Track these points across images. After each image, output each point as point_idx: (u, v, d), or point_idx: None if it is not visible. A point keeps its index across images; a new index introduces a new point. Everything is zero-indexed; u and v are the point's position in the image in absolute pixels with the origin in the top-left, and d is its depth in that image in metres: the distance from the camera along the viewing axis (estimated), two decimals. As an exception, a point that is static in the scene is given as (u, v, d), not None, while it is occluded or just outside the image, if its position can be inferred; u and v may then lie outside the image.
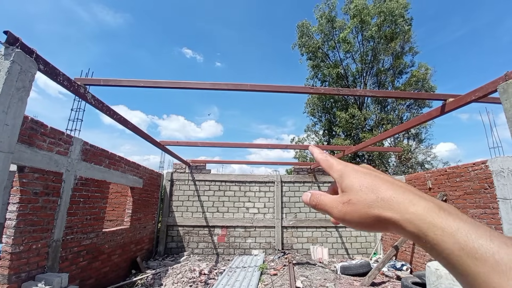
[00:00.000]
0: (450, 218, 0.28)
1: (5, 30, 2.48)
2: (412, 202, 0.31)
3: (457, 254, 0.26)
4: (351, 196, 0.36)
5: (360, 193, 0.35)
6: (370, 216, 0.34)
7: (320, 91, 4.39)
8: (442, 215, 0.29)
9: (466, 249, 0.26)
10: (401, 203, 0.32)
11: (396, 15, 18.42)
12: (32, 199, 3.91)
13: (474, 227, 0.27)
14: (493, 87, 3.06)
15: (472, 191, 5.47)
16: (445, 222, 0.28)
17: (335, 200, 0.38)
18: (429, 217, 0.29)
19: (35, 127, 3.93)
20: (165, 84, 3.75)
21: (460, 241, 0.27)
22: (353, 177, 0.37)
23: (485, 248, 0.25)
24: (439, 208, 0.30)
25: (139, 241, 7.54)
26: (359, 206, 0.35)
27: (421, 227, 0.29)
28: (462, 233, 0.27)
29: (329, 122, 21.20)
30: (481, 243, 0.26)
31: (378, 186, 0.35)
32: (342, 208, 0.36)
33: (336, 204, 0.37)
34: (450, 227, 0.28)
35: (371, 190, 0.35)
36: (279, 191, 9.60)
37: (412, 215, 0.30)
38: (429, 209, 0.30)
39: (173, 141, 7.18)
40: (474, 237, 0.26)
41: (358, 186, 0.36)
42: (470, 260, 0.26)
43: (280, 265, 7.27)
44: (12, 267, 3.60)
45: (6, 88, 2.43)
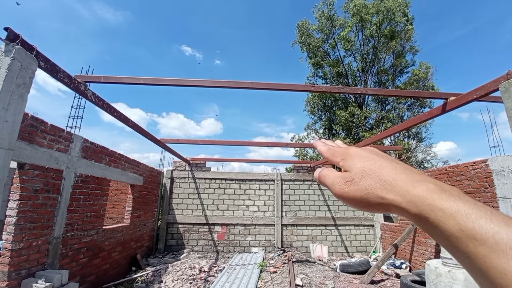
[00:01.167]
0: (451, 199, 0.28)
1: (6, 26, 2.46)
2: (414, 184, 0.31)
3: (457, 235, 0.26)
4: (355, 176, 0.36)
5: (364, 174, 0.35)
6: (372, 197, 0.34)
7: (321, 89, 4.38)
8: (443, 196, 0.29)
9: (466, 230, 0.26)
10: (403, 185, 0.32)
11: (395, 14, 18.37)
12: (32, 196, 3.91)
13: (474, 207, 0.27)
14: (495, 86, 3.06)
15: (472, 190, 5.48)
16: (445, 203, 0.28)
17: (338, 176, 0.38)
18: (430, 198, 0.29)
19: (35, 124, 3.92)
20: (166, 82, 3.74)
21: (460, 222, 0.26)
22: (356, 158, 0.38)
23: (485, 228, 0.25)
24: (440, 190, 0.30)
25: (139, 238, 7.55)
26: (362, 186, 0.35)
27: (423, 209, 0.29)
28: (462, 214, 0.27)
29: (330, 120, 21.19)
30: (481, 224, 0.25)
31: (382, 167, 0.35)
32: (344, 186, 0.36)
33: (338, 181, 0.38)
34: (450, 208, 0.27)
35: (374, 172, 0.35)
36: (279, 189, 9.61)
37: (414, 197, 0.30)
38: (431, 190, 0.30)
39: (173, 139, 7.18)
40: (473, 218, 0.26)
41: (361, 167, 0.36)
42: (470, 241, 0.25)
43: (280, 263, 7.29)
44: (12, 264, 3.61)
45: (6, 85, 2.43)
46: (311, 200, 9.66)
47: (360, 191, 0.35)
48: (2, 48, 2.46)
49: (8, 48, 2.46)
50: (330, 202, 9.66)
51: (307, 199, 9.66)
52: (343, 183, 0.37)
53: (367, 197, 0.34)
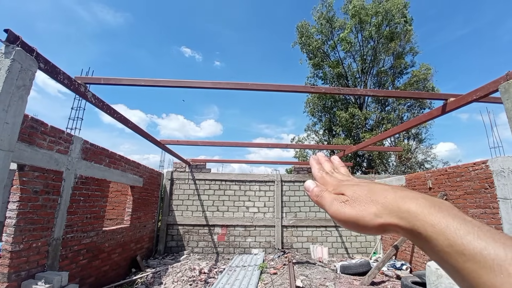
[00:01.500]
0: (440, 214, 0.29)
1: (5, 28, 2.47)
2: (404, 200, 0.32)
3: (447, 250, 0.27)
4: (348, 197, 0.38)
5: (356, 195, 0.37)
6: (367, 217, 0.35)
7: (321, 90, 4.38)
8: (433, 211, 0.29)
9: (455, 246, 0.26)
10: (395, 202, 0.33)
11: (394, 15, 18.41)
12: (32, 197, 3.91)
13: (463, 223, 0.27)
14: (494, 86, 3.06)
15: (472, 191, 5.47)
16: (435, 219, 0.28)
17: (335, 197, 0.39)
18: (421, 214, 0.30)
19: (35, 125, 3.92)
20: (166, 83, 3.74)
21: (449, 237, 0.27)
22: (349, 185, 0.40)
23: (473, 244, 0.25)
24: (430, 205, 0.30)
25: (139, 239, 7.54)
26: (356, 207, 0.36)
27: (414, 224, 0.30)
28: (451, 230, 0.27)
29: (329, 121, 21.19)
30: (469, 239, 0.26)
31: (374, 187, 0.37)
32: (340, 207, 0.37)
33: (333, 202, 0.39)
34: (440, 224, 0.28)
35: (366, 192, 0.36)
36: (279, 191, 9.60)
37: (405, 213, 0.31)
38: (422, 205, 0.30)
39: (173, 140, 7.18)
40: (462, 233, 0.26)
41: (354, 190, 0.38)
42: (459, 256, 0.26)
43: (280, 264, 7.27)
44: (12, 265, 3.60)
45: (6, 87, 2.43)
46: (311, 201, 9.64)
47: (355, 212, 0.36)
48: (2, 50, 2.46)
49: (8, 49, 2.47)
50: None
51: (307, 200, 9.65)
52: (338, 204, 0.38)
53: (362, 218, 0.35)
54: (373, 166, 18.88)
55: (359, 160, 20.12)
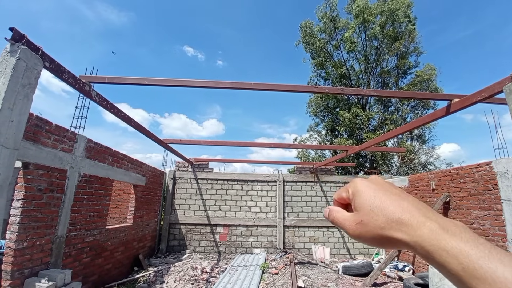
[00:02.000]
0: (453, 239, 0.30)
1: (11, 27, 2.49)
2: (418, 224, 0.33)
3: (461, 274, 0.28)
4: (363, 217, 0.38)
5: (371, 214, 0.37)
6: (382, 237, 0.36)
7: (324, 90, 4.37)
8: (446, 237, 0.31)
9: (468, 270, 0.28)
10: (409, 225, 0.34)
11: (399, 14, 18.31)
12: (36, 195, 3.94)
13: (474, 246, 0.29)
14: (499, 87, 3.03)
15: (476, 192, 5.43)
16: (448, 244, 0.30)
17: (349, 219, 0.40)
18: (434, 239, 0.31)
19: (40, 124, 3.95)
20: (169, 83, 3.75)
21: (462, 262, 0.28)
22: (363, 195, 0.39)
23: (484, 268, 0.27)
24: (443, 230, 0.31)
25: (141, 238, 7.58)
26: (371, 227, 0.37)
27: (428, 249, 0.31)
28: (463, 255, 0.29)
29: (332, 121, 21.14)
30: (480, 264, 0.28)
31: (387, 206, 0.36)
32: (356, 229, 0.38)
33: (349, 224, 0.40)
34: (453, 249, 0.29)
35: (380, 211, 0.36)
36: (281, 190, 9.59)
37: (419, 238, 0.32)
38: (434, 231, 0.32)
39: (176, 139, 7.20)
40: (474, 258, 0.28)
41: (368, 207, 0.38)
42: (472, 279, 0.28)
43: (282, 264, 7.27)
44: (16, 263, 3.63)
45: (11, 85, 2.45)
46: (313, 202, 9.64)
47: (371, 232, 0.37)
48: (7, 48, 2.48)
49: (13, 48, 2.48)
50: (332, 203, 9.61)
51: (309, 201, 9.63)
52: (353, 225, 0.39)
53: (378, 237, 0.36)
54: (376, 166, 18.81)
55: (361, 161, 20.06)
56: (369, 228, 0.37)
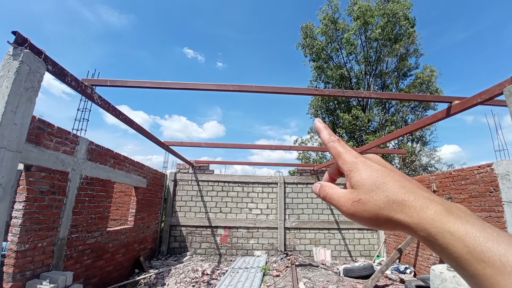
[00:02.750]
0: (459, 222, 0.29)
1: (13, 30, 2.51)
2: (422, 206, 0.31)
3: (466, 257, 0.27)
4: (361, 196, 0.35)
5: (371, 194, 0.34)
6: (380, 218, 0.34)
7: (324, 92, 4.39)
8: (451, 219, 0.29)
9: (474, 253, 0.27)
10: (412, 207, 0.32)
11: (400, 16, 18.36)
12: (38, 197, 3.95)
13: (482, 230, 0.28)
14: (499, 89, 3.05)
15: (477, 194, 5.43)
16: (454, 226, 0.29)
17: (344, 196, 0.37)
18: (438, 221, 0.30)
19: (42, 126, 3.97)
20: (170, 85, 3.78)
21: (468, 244, 0.27)
22: (364, 174, 0.36)
23: (492, 251, 0.26)
24: (448, 212, 0.30)
25: (142, 240, 7.58)
26: (370, 206, 0.34)
27: (431, 231, 0.30)
28: (470, 237, 0.27)
29: (333, 123, 21.14)
30: (489, 246, 0.26)
31: (389, 186, 0.34)
32: (351, 207, 0.36)
33: (345, 202, 0.37)
34: (459, 231, 0.28)
35: (382, 191, 0.34)
36: (282, 192, 9.59)
37: (423, 220, 0.31)
38: (439, 213, 0.30)
39: (177, 142, 7.22)
40: (481, 240, 0.27)
41: (368, 186, 0.35)
42: (478, 263, 0.26)
43: (283, 267, 7.26)
44: (17, 265, 3.64)
45: (14, 88, 2.47)
46: (314, 203, 9.63)
47: (368, 212, 0.34)
48: (10, 52, 2.50)
49: (16, 51, 2.51)
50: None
51: (310, 202, 9.63)
52: (349, 203, 0.36)
53: (375, 217, 0.34)
54: (377, 168, 18.73)
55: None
56: (368, 207, 0.34)
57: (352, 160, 0.38)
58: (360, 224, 0.37)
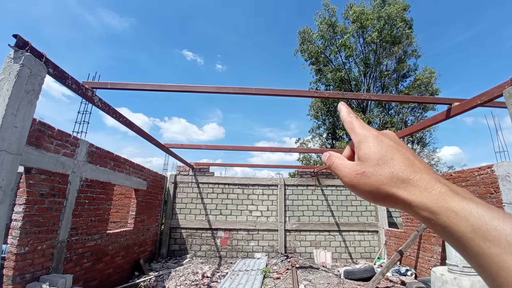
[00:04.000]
0: (464, 201, 0.29)
1: (14, 34, 2.52)
2: (427, 186, 0.31)
3: (470, 236, 0.27)
4: (366, 169, 0.35)
5: (377, 168, 0.34)
6: (380, 193, 0.33)
7: (324, 95, 4.40)
8: (456, 198, 0.29)
9: (479, 231, 0.26)
10: (416, 186, 0.31)
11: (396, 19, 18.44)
12: (38, 200, 3.95)
13: (487, 209, 0.27)
14: (499, 91, 3.05)
15: (477, 195, 5.40)
16: (458, 205, 0.28)
17: (349, 167, 0.37)
18: (442, 200, 0.29)
19: (43, 129, 3.98)
20: (171, 88, 3.79)
21: (473, 223, 0.27)
22: (372, 146, 0.36)
23: (499, 229, 0.26)
24: (453, 192, 0.30)
25: (142, 243, 7.56)
26: (372, 180, 0.34)
27: (434, 210, 0.29)
28: (475, 216, 0.27)
29: (333, 125, 21.16)
30: (495, 225, 0.26)
31: (397, 162, 0.34)
32: (354, 178, 0.35)
33: (348, 173, 0.36)
34: (464, 210, 0.28)
35: (388, 166, 0.34)
36: (282, 194, 9.58)
37: (426, 199, 0.30)
38: (444, 193, 0.30)
39: (177, 144, 7.22)
40: (487, 219, 0.26)
41: (375, 159, 0.35)
42: (482, 242, 0.26)
43: (283, 269, 7.24)
44: (17, 268, 3.63)
45: (15, 91, 2.48)
46: (314, 206, 9.61)
47: (370, 185, 0.34)
48: (11, 55, 2.51)
49: (17, 55, 2.52)
50: (334, 207, 9.61)
51: (310, 204, 9.61)
52: (353, 175, 0.36)
53: (376, 191, 0.34)
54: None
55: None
56: (370, 180, 0.34)
57: (364, 133, 0.38)
58: (360, 197, 0.36)
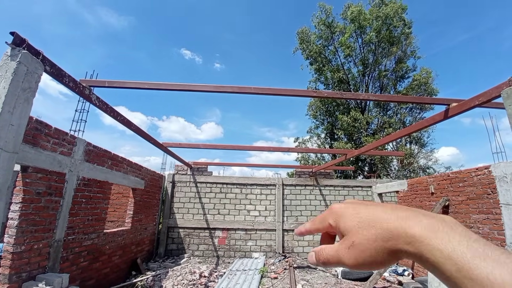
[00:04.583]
0: (446, 238, 0.28)
1: (12, 31, 2.50)
2: (408, 223, 0.31)
3: (456, 275, 0.27)
4: (353, 238, 0.35)
5: (360, 231, 0.34)
6: (378, 251, 0.33)
7: (323, 94, 4.40)
8: (439, 235, 0.29)
9: (463, 271, 0.26)
10: (400, 228, 0.31)
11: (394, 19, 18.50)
12: (34, 199, 3.92)
13: (468, 245, 0.27)
14: (497, 92, 3.06)
15: (475, 196, 5.44)
16: (442, 243, 0.28)
17: (340, 249, 0.36)
18: (427, 238, 0.29)
19: (40, 127, 3.95)
20: (169, 87, 3.77)
21: (457, 262, 0.27)
22: (347, 218, 0.37)
23: (480, 268, 0.25)
24: (436, 228, 0.30)
25: (139, 242, 7.53)
26: (365, 245, 0.34)
27: (422, 250, 0.29)
28: (458, 254, 0.27)
29: (331, 125, 21.19)
30: (476, 264, 0.26)
31: (375, 216, 0.34)
32: (351, 255, 0.35)
33: (343, 253, 0.36)
34: (447, 248, 0.28)
35: (368, 224, 0.34)
36: (281, 194, 9.58)
37: (411, 238, 0.30)
38: (426, 228, 0.30)
39: (175, 143, 7.20)
40: (469, 257, 0.26)
41: (356, 225, 0.35)
42: (467, 281, 0.26)
43: (281, 269, 7.24)
44: (13, 266, 3.61)
45: (12, 89, 2.45)
46: (312, 205, 9.62)
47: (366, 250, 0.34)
48: (8, 52, 2.49)
49: (14, 52, 2.50)
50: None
51: (308, 204, 9.62)
52: (347, 251, 0.35)
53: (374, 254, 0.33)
54: (375, 170, 18.82)
55: (361, 165, 20.07)
56: (363, 247, 0.34)
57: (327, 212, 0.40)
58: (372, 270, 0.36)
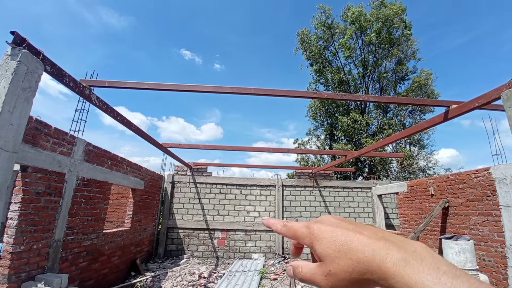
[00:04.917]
0: (414, 271, 0.28)
1: (12, 30, 2.50)
2: (382, 259, 0.31)
3: None
4: (330, 266, 0.35)
5: (337, 261, 0.34)
6: (355, 283, 0.33)
7: (323, 96, 4.40)
8: (408, 270, 0.28)
9: None
10: (374, 263, 0.31)
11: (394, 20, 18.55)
12: (34, 199, 3.92)
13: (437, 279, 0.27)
14: (497, 94, 3.06)
15: (474, 198, 5.44)
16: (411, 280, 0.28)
17: (317, 272, 0.37)
18: (398, 275, 0.29)
19: (39, 127, 3.95)
20: (169, 87, 3.77)
21: None
22: (323, 243, 0.36)
23: None
24: (406, 262, 0.29)
25: (139, 243, 7.52)
26: (341, 275, 0.33)
27: (394, 286, 0.29)
28: None
29: (331, 126, 21.19)
30: None
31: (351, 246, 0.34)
32: (328, 282, 0.35)
33: (319, 279, 0.36)
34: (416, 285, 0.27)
35: (345, 255, 0.34)
36: (280, 195, 9.57)
37: (385, 274, 0.30)
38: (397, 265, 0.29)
39: (175, 143, 7.20)
40: None
41: (332, 253, 0.35)
42: None
43: (280, 270, 7.23)
44: (13, 266, 3.60)
45: (12, 88, 2.45)
46: (312, 207, 9.62)
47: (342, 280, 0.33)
48: (9, 52, 2.49)
49: (14, 51, 2.50)
50: (331, 208, 9.62)
51: (308, 205, 9.61)
52: (324, 278, 0.35)
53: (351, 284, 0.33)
54: (375, 172, 18.82)
55: (360, 166, 20.07)
56: (340, 276, 0.33)
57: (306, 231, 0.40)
58: None
